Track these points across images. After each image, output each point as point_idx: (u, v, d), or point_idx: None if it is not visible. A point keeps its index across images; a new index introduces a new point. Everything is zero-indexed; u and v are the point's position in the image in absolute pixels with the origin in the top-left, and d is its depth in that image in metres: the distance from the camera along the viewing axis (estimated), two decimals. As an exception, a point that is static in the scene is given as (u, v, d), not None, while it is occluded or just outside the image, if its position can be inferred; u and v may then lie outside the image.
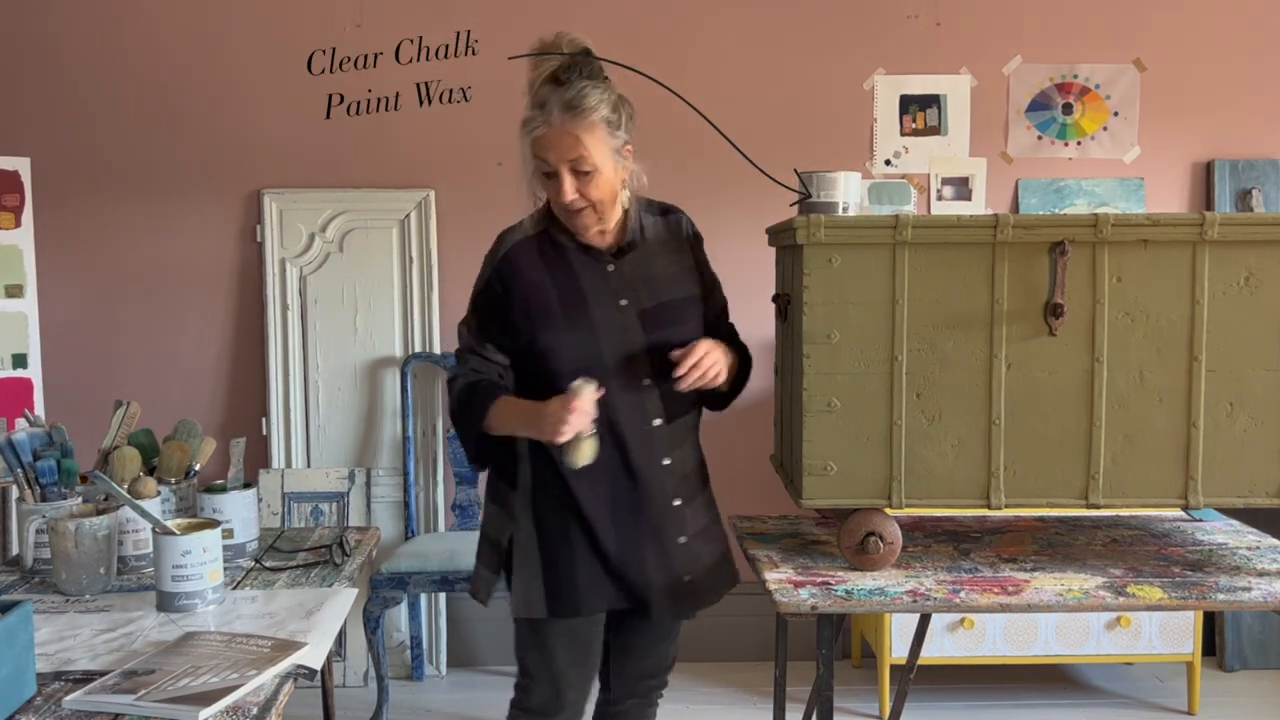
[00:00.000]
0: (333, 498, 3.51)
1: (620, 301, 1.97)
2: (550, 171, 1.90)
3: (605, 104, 1.90)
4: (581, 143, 1.87)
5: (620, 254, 2.00)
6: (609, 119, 1.90)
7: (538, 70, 1.94)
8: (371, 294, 3.54)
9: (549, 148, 1.88)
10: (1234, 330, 1.92)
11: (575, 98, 1.87)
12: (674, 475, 2.00)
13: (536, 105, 1.90)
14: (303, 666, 1.59)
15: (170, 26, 3.53)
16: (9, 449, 2.06)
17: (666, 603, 2.01)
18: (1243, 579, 1.95)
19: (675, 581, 2.01)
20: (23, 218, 3.38)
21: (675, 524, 2.01)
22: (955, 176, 3.62)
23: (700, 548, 2.05)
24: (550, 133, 1.88)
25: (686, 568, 2.02)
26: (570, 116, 1.86)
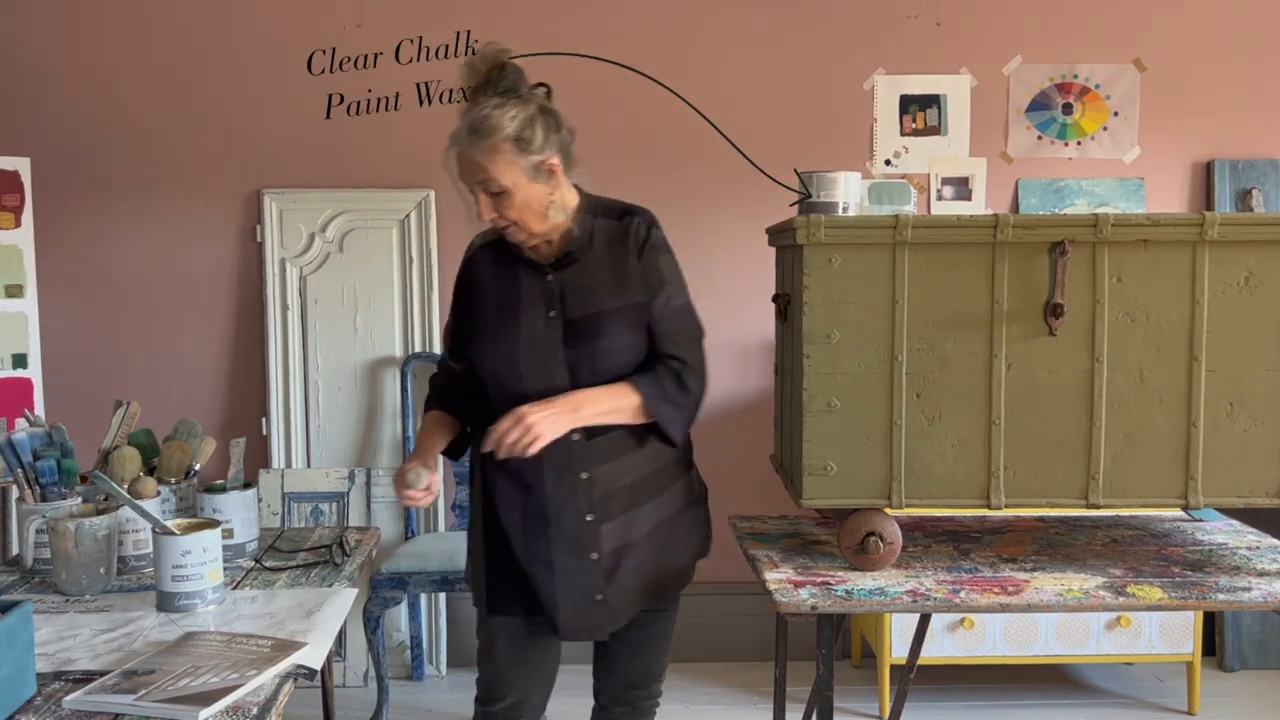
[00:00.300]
0: (333, 498, 3.51)
1: (550, 313, 1.95)
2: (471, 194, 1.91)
3: (514, 123, 1.85)
4: (482, 167, 1.85)
5: (561, 264, 1.96)
6: (519, 138, 1.86)
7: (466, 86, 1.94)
8: (371, 294, 3.54)
9: (460, 174, 1.90)
10: (1234, 330, 1.92)
11: (477, 120, 1.85)
12: (592, 491, 1.94)
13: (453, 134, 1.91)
14: (303, 666, 1.59)
15: (170, 27, 3.53)
16: (9, 449, 2.06)
17: (575, 621, 1.97)
18: (1243, 579, 1.95)
19: (584, 599, 1.96)
20: (23, 218, 3.38)
21: (587, 540, 1.94)
22: (955, 176, 3.62)
23: (619, 565, 1.97)
24: (459, 161, 1.89)
25: (598, 586, 1.95)
26: (473, 140, 1.85)
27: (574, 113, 3.37)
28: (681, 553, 2.07)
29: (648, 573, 2.01)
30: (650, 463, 2.00)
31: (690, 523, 2.08)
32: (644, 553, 2.00)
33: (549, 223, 1.93)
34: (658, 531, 2.01)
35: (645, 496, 1.99)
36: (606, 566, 1.95)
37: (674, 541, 2.05)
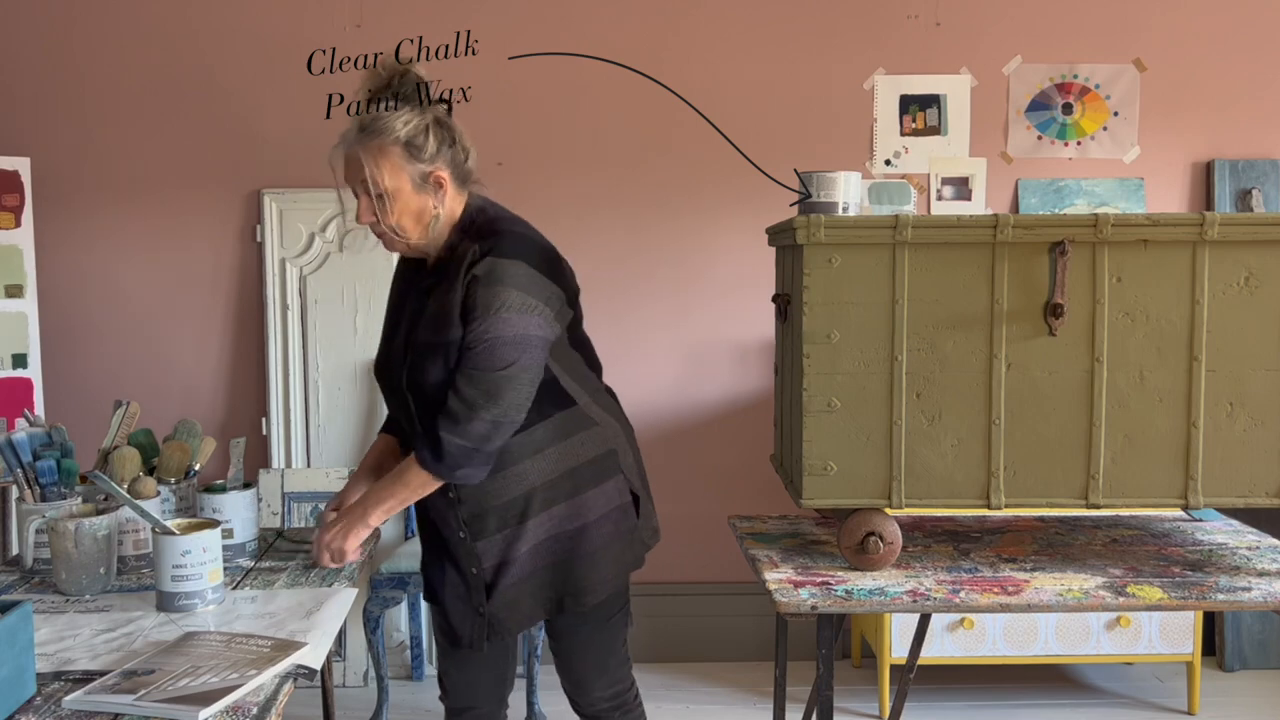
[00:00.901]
0: (333, 497, 3.50)
1: (411, 318, 1.96)
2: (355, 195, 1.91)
3: (406, 127, 1.87)
4: (365, 166, 1.86)
5: (436, 278, 1.94)
6: (409, 143, 1.86)
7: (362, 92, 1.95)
8: (371, 294, 3.54)
9: (343, 172, 1.91)
10: (1234, 330, 1.92)
11: (371, 120, 1.88)
12: (462, 511, 1.94)
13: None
14: (303, 666, 1.59)
15: (170, 26, 3.53)
16: (9, 449, 2.06)
17: (464, 630, 1.99)
18: (1243, 579, 1.95)
19: (468, 610, 1.99)
20: (23, 218, 3.38)
21: (464, 555, 1.97)
22: (955, 176, 3.62)
23: (498, 580, 1.95)
24: (343, 154, 1.90)
25: (478, 600, 1.97)
26: (363, 138, 1.87)
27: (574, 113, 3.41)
28: (587, 566, 1.98)
29: (540, 585, 1.97)
30: (518, 485, 1.93)
31: (605, 536, 1.99)
32: (530, 567, 1.96)
33: (430, 236, 1.91)
34: (547, 546, 1.96)
35: (524, 515, 1.94)
36: (487, 580, 1.97)
37: (575, 555, 1.97)
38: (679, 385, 3.63)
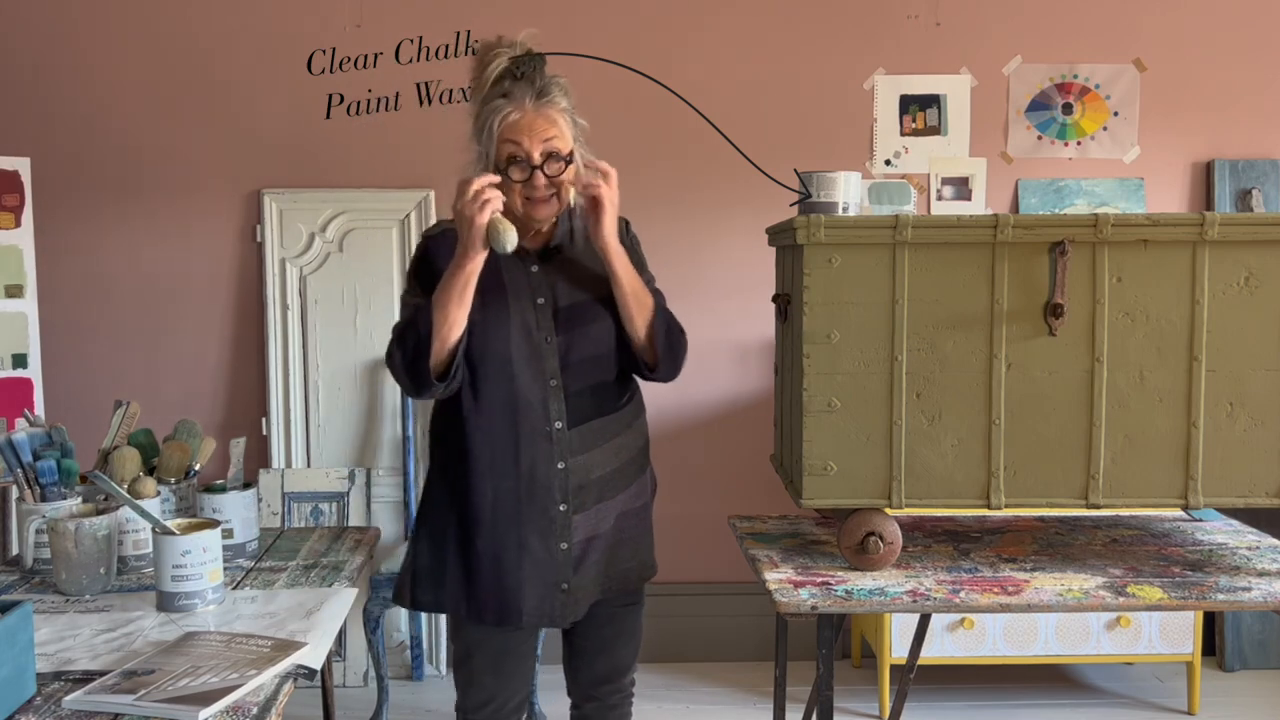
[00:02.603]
0: (333, 498, 3.51)
1: (538, 300, 1.96)
2: (523, 158, 1.89)
3: (566, 96, 1.94)
4: (555, 124, 1.90)
5: (546, 256, 1.99)
6: (570, 110, 1.94)
7: (487, 70, 1.94)
8: (371, 294, 3.54)
9: (523, 131, 1.89)
10: (1234, 330, 1.92)
11: (545, 86, 1.91)
12: (567, 481, 1.95)
13: (499, 96, 1.91)
14: (303, 666, 1.59)
15: (170, 27, 3.53)
16: (9, 449, 2.06)
17: (539, 608, 1.96)
18: (1243, 579, 1.95)
19: (550, 587, 1.96)
20: (23, 218, 3.38)
21: (558, 530, 1.95)
22: (955, 176, 3.62)
23: (587, 556, 1.98)
24: (525, 118, 1.89)
25: (564, 575, 1.96)
26: (543, 102, 1.90)
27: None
28: (645, 547, 2.09)
29: (611, 564, 2.03)
30: (618, 456, 2.02)
31: (651, 517, 2.12)
32: (609, 544, 2.02)
33: (563, 204, 1.96)
34: (621, 524, 2.03)
35: (614, 489, 2.01)
36: (575, 555, 1.96)
37: (638, 535, 2.07)
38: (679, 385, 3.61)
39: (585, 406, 1.97)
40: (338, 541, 2.30)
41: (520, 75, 1.91)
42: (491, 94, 1.92)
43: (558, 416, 1.94)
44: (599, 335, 1.97)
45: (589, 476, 1.97)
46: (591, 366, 1.97)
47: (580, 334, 1.96)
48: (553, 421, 1.93)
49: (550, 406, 1.94)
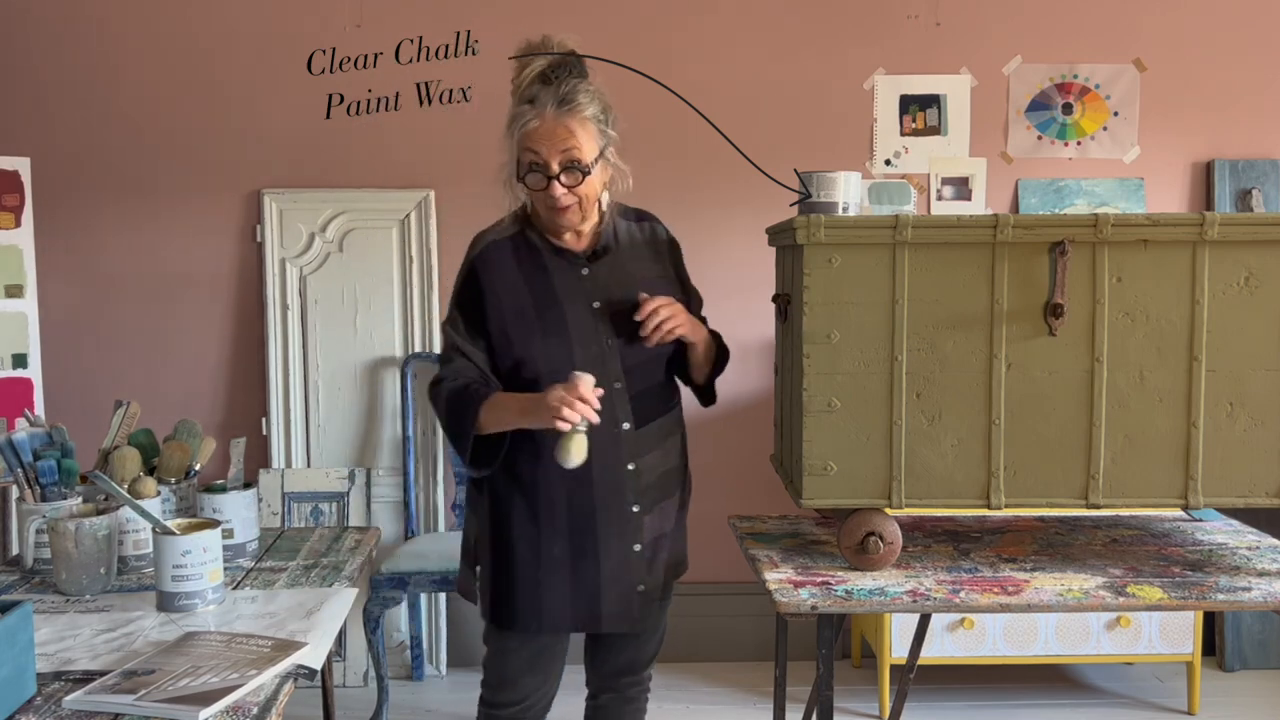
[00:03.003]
0: (333, 498, 3.51)
1: (593, 304, 1.98)
2: (540, 166, 1.90)
3: (594, 103, 1.93)
4: (575, 134, 1.89)
5: (595, 257, 2.01)
6: (598, 118, 1.94)
7: (524, 72, 1.96)
8: (371, 294, 3.54)
9: (542, 140, 1.89)
10: (1234, 330, 1.92)
11: (569, 93, 1.90)
12: (637, 481, 1.98)
13: (525, 101, 1.92)
14: (303, 666, 1.59)
15: (170, 26, 3.53)
16: (9, 449, 2.06)
17: (618, 611, 1.99)
18: (1243, 579, 1.95)
19: (629, 591, 2.00)
20: (23, 218, 3.38)
21: (632, 531, 1.99)
22: (955, 176, 3.62)
23: (656, 556, 2.04)
24: (543, 125, 1.89)
25: (640, 576, 2.01)
26: (564, 110, 1.90)
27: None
28: (682, 543, 2.15)
29: (670, 563, 2.08)
30: (674, 455, 2.08)
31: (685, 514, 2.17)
32: (670, 543, 2.07)
33: (596, 211, 1.99)
34: (678, 522, 2.11)
35: (671, 489, 2.07)
36: (647, 556, 2.01)
37: (683, 529, 2.14)
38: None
39: (648, 407, 2.00)
40: (338, 541, 2.30)
41: (550, 80, 1.92)
42: (522, 98, 1.93)
43: (625, 418, 1.97)
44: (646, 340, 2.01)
45: (654, 476, 2.02)
46: (651, 367, 2.01)
47: (635, 338, 1.98)
48: (620, 423, 1.96)
49: (617, 409, 1.96)
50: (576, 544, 1.97)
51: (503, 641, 2.05)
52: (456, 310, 2.01)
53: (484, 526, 2.04)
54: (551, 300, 1.96)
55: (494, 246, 2.01)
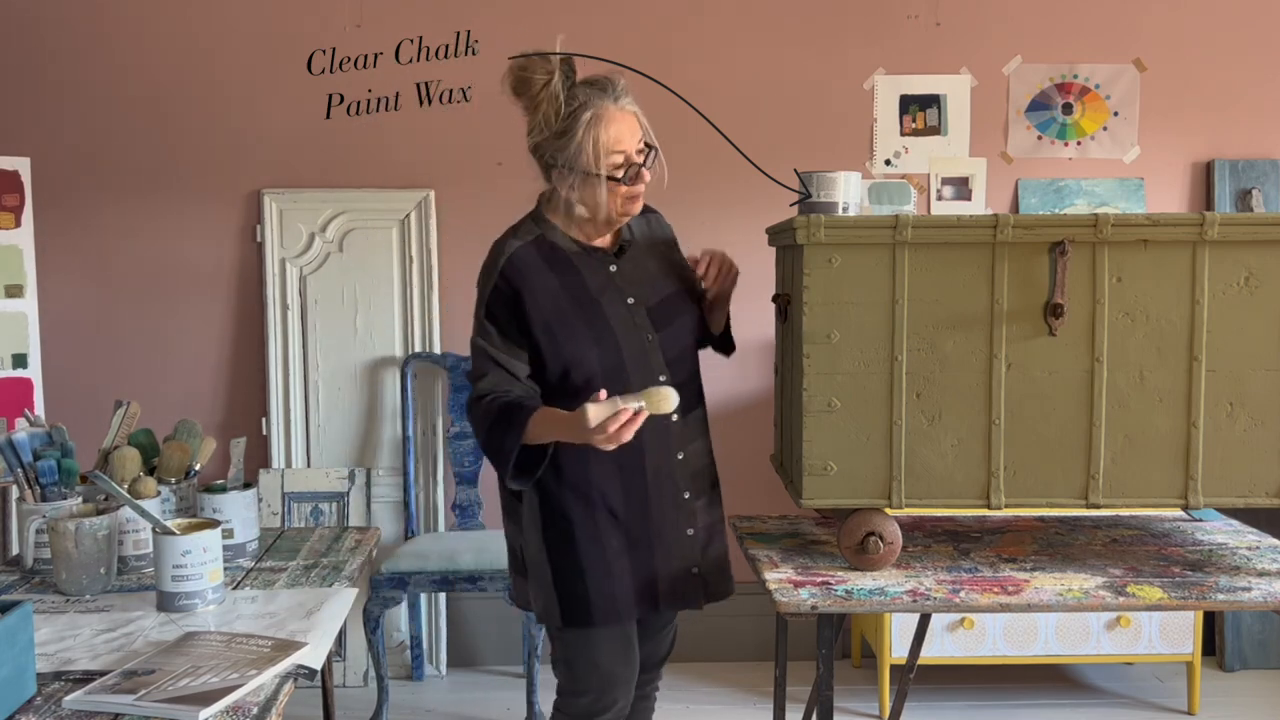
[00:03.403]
0: (333, 498, 3.51)
1: (628, 300, 2.00)
2: (629, 163, 1.92)
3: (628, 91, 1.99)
4: (640, 121, 1.96)
5: (620, 253, 2.04)
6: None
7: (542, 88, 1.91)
8: (371, 294, 3.54)
9: (625, 133, 1.92)
10: (1234, 330, 1.92)
11: (623, 89, 1.95)
12: (686, 469, 2.04)
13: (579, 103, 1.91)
14: (303, 666, 1.59)
15: (170, 26, 3.53)
16: (9, 449, 2.06)
17: (672, 594, 2.04)
18: (1243, 579, 1.95)
19: (683, 573, 2.04)
20: (23, 218, 3.38)
21: (685, 516, 2.05)
22: (955, 176, 3.62)
23: (708, 542, 2.09)
24: (623, 123, 1.92)
25: (694, 560, 2.06)
26: (629, 101, 1.95)
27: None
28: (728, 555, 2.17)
29: (719, 561, 2.12)
30: (709, 450, 2.13)
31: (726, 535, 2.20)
32: (720, 538, 2.13)
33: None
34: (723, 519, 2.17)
35: (714, 480, 2.13)
36: (701, 541, 2.06)
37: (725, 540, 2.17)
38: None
39: (689, 397, 2.03)
40: (338, 541, 2.30)
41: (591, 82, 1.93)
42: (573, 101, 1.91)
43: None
44: (689, 326, 2.07)
45: (700, 463, 2.07)
46: (687, 358, 2.06)
47: (675, 327, 2.03)
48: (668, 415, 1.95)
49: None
50: (634, 534, 2.00)
51: (588, 640, 2.00)
52: (488, 323, 1.96)
53: (533, 533, 2.00)
54: (590, 300, 1.96)
55: (522, 252, 1.97)
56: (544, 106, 1.92)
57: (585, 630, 1.99)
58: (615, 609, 1.98)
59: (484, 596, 3.47)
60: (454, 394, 3.49)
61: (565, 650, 2.03)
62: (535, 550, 2.01)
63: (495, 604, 3.54)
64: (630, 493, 1.99)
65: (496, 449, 1.92)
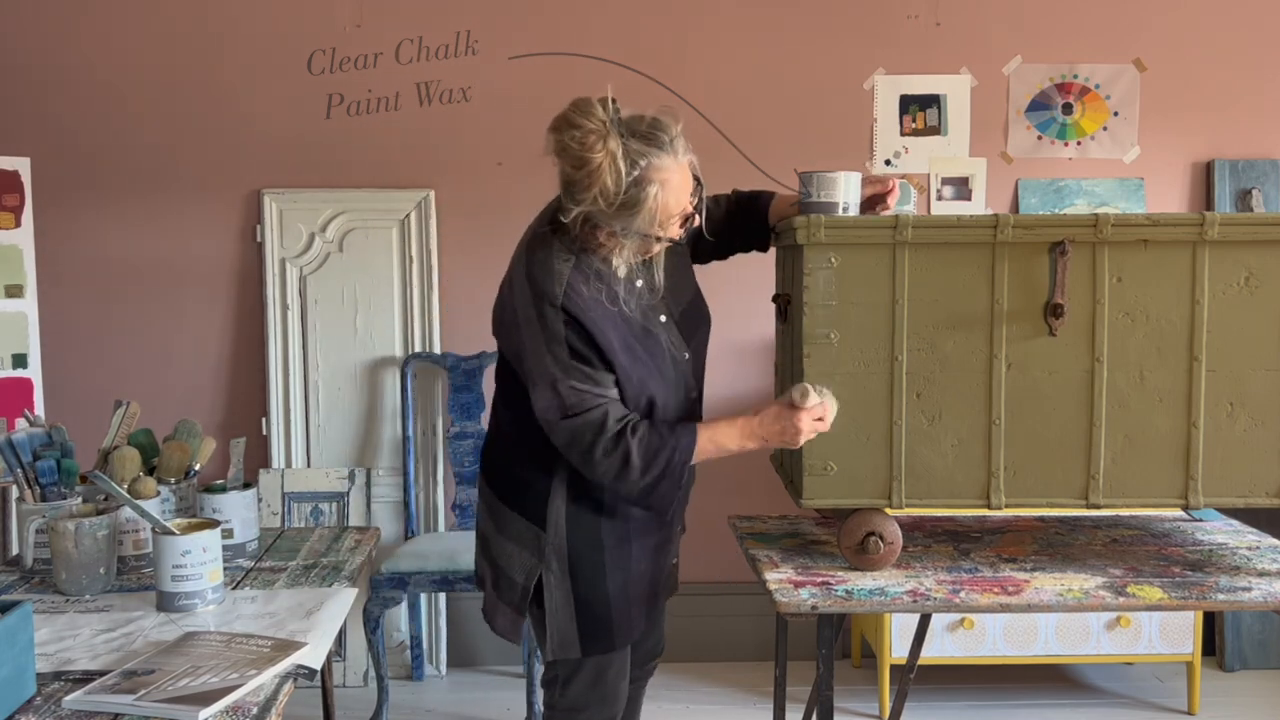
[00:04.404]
0: (333, 498, 3.51)
1: (660, 317, 1.96)
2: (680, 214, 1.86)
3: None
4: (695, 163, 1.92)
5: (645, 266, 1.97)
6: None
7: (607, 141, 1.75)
8: (371, 294, 3.54)
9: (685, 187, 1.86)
10: (1234, 330, 1.92)
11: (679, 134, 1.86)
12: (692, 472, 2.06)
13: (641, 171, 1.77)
14: (303, 666, 1.59)
15: (170, 26, 3.53)
16: (9, 449, 2.06)
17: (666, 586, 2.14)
18: (1243, 579, 1.95)
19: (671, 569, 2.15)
20: (23, 218, 3.38)
21: (681, 515, 2.14)
22: (955, 176, 3.62)
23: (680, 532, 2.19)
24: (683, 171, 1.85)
25: (677, 550, 2.18)
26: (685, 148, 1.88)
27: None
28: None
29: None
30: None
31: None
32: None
33: None
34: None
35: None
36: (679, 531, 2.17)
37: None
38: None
39: (699, 409, 2.07)
40: (338, 541, 2.30)
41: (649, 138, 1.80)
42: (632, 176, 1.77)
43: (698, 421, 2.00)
44: (706, 338, 2.07)
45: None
46: (702, 369, 2.07)
47: (699, 340, 2.04)
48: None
49: (695, 415, 2.04)
50: (659, 547, 2.05)
51: (601, 665, 1.98)
52: (568, 360, 1.81)
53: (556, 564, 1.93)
54: (639, 328, 1.90)
55: (575, 282, 1.82)
56: (603, 177, 1.75)
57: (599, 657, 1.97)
58: (632, 628, 1.99)
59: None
60: (454, 394, 3.49)
61: (570, 672, 1.98)
62: (557, 579, 1.92)
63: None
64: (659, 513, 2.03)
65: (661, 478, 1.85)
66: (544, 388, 1.83)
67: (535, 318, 1.82)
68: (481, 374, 3.48)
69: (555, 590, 1.93)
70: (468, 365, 3.48)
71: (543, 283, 1.81)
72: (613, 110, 1.78)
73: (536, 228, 1.92)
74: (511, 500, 1.97)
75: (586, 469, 1.85)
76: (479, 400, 3.48)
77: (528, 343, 1.83)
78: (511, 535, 1.97)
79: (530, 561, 1.94)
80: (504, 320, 1.90)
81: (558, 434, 1.84)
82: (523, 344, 1.84)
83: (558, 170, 1.81)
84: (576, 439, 1.83)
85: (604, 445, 1.81)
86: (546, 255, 1.84)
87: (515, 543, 1.96)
